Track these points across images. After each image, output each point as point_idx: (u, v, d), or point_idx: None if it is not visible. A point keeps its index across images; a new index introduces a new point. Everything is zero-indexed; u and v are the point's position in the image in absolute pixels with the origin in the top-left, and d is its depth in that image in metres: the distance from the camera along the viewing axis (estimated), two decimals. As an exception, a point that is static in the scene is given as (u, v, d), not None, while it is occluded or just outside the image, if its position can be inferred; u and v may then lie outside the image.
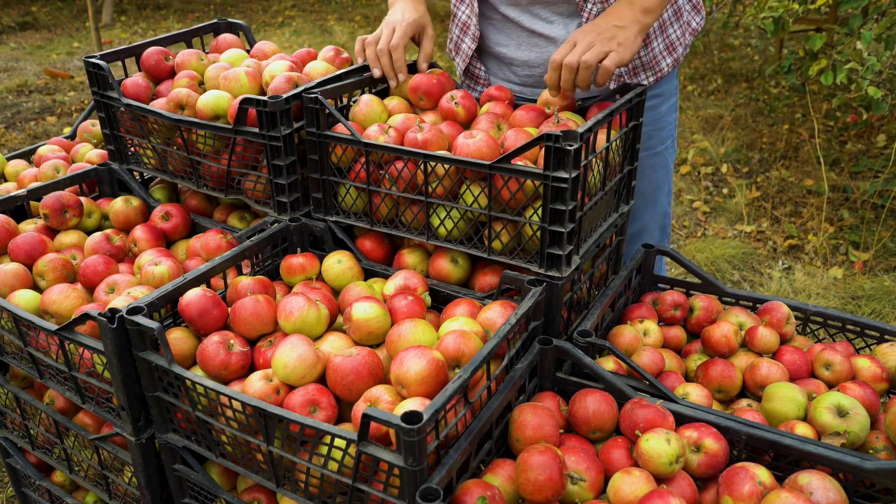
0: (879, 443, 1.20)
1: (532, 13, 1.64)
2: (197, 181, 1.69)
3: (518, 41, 1.70)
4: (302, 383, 1.16)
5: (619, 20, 1.45)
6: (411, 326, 1.22)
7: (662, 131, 1.78)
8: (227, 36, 1.95)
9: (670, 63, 1.69)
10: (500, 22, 1.71)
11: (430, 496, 0.93)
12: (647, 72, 1.67)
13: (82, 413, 1.51)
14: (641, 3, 1.46)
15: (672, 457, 1.07)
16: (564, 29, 1.63)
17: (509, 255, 1.37)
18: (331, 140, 1.46)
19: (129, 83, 1.74)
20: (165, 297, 1.26)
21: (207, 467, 1.34)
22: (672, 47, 1.67)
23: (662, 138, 1.79)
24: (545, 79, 1.49)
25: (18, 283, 1.49)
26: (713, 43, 6.88)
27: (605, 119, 1.34)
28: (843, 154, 4.38)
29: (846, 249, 3.50)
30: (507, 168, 1.27)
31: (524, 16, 1.65)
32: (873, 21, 3.51)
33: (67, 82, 6.53)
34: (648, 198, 1.82)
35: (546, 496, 1.03)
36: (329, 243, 1.54)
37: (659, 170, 1.81)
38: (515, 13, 1.66)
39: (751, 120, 5.02)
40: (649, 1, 1.47)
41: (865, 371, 1.37)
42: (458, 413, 1.06)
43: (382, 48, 1.62)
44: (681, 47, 1.70)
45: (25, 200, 1.71)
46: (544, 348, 1.26)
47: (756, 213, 3.91)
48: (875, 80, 3.29)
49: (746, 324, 1.51)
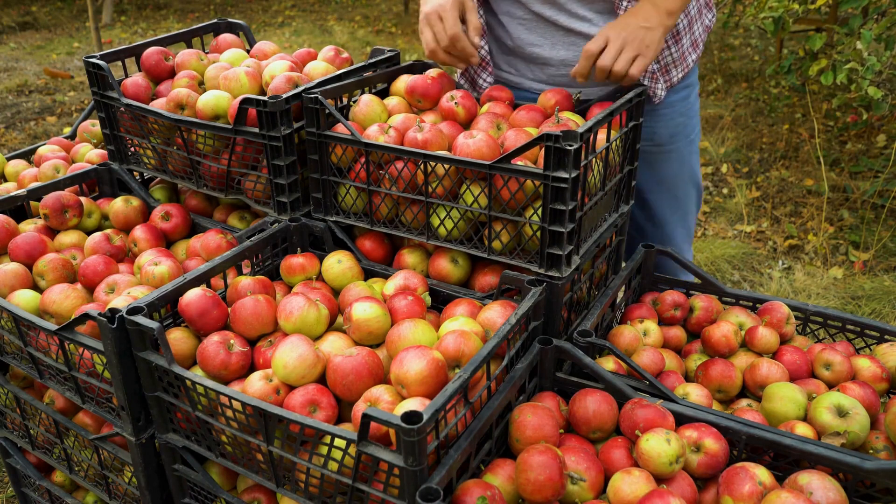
0: (879, 443, 1.20)
1: (569, 12, 1.63)
2: (197, 181, 1.69)
3: (553, 40, 1.68)
4: (302, 383, 1.16)
5: (646, 21, 1.49)
6: (411, 326, 1.22)
7: (693, 119, 1.84)
8: (227, 36, 1.95)
9: (695, 58, 1.75)
10: (533, 21, 1.68)
11: (430, 496, 0.93)
12: (677, 68, 1.71)
13: (82, 413, 1.51)
14: (665, 6, 1.51)
15: (672, 457, 1.07)
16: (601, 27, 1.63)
17: (509, 255, 1.37)
18: (331, 140, 1.46)
19: (129, 83, 1.74)
20: (165, 298, 1.26)
21: (207, 467, 1.34)
22: (696, 43, 1.73)
23: (693, 125, 1.85)
24: (573, 71, 1.52)
25: (18, 283, 1.49)
26: (713, 43, 6.88)
27: (605, 119, 1.34)
28: (843, 154, 4.38)
29: (846, 249, 3.50)
30: (507, 168, 1.27)
31: (561, 15, 1.63)
32: (873, 21, 3.51)
33: (67, 82, 6.53)
34: (689, 182, 1.89)
35: (546, 496, 1.03)
36: (329, 243, 1.54)
37: (693, 155, 1.89)
38: (551, 12, 1.64)
39: (751, 120, 5.02)
40: (673, 4, 1.51)
41: (865, 371, 1.37)
42: (458, 413, 1.06)
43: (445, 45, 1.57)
44: (702, 42, 1.77)
45: (25, 200, 1.71)
46: (544, 348, 1.26)
47: (756, 213, 3.91)
48: (875, 81, 3.29)
49: (746, 324, 1.51)
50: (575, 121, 1.46)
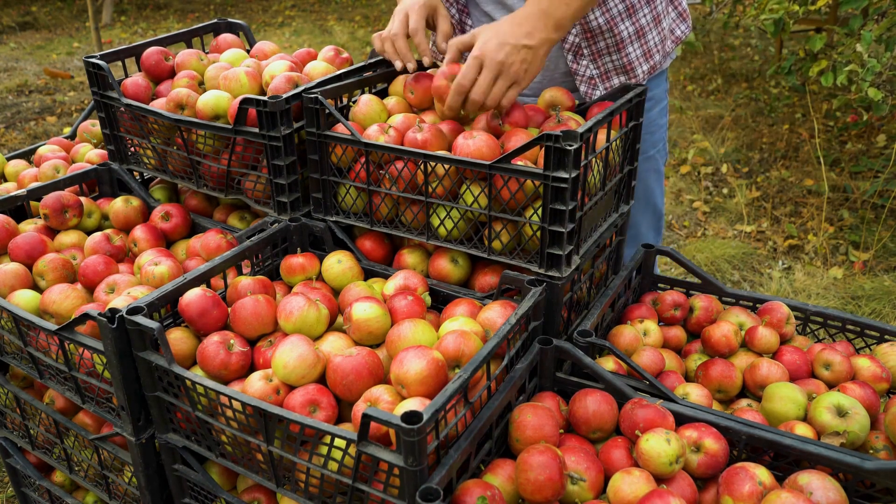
0: (879, 443, 1.20)
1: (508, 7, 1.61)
2: (197, 181, 1.69)
3: None
4: (302, 383, 1.16)
5: (528, 37, 1.35)
6: (411, 326, 1.22)
7: (654, 135, 1.78)
8: (227, 36, 1.95)
9: (646, 70, 1.68)
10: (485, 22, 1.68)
11: (430, 496, 0.93)
12: (621, 76, 1.66)
13: (82, 413, 1.50)
14: (555, 17, 1.37)
15: (672, 457, 1.07)
16: None
17: (509, 255, 1.37)
18: (331, 140, 1.46)
19: (129, 83, 1.74)
20: (165, 297, 1.26)
21: (207, 467, 1.34)
22: (649, 54, 1.66)
23: (654, 142, 1.79)
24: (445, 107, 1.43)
25: (18, 283, 1.49)
26: (713, 43, 6.89)
27: (605, 119, 1.34)
28: (843, 154, 4.38)
29: (846, 249, 3.50)
30: (507, 168, 1.27)
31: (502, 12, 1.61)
32: (873, 22, 3.51)
33: (67, 82, 6.53)
34: (642, 201, 1.83)
35: (546, 496, 1.03)
36: (329, 243, 1.54)
37: (651, 173, 1.82)
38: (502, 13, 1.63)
39: (751, 120, 5.03)
40: (563, 14, 1.38)
41: (865, 371, 1.37)
42: (458, 413, 1.06)
43: (397, 33, 1.56)
44: (658, 54, 1.68)
45: (25, 200, 1.71)
46: (544, 348, 1.26)
47: (756, 213, 3.91)
48: (875, 82, 3.29)
49: (746, 324, 1.51)
50: (576, 120, 1.46)
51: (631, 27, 1.61)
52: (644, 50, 1.64)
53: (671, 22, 1.71)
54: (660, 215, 1.89)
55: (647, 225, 1.87)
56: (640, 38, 1.63)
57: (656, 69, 1.71)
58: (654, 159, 1.81)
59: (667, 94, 1.81)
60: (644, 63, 1.66)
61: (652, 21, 1.64)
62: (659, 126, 1.79)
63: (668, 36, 1.70)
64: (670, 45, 1.72)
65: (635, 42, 1.63)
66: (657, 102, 1.76)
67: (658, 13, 1.65)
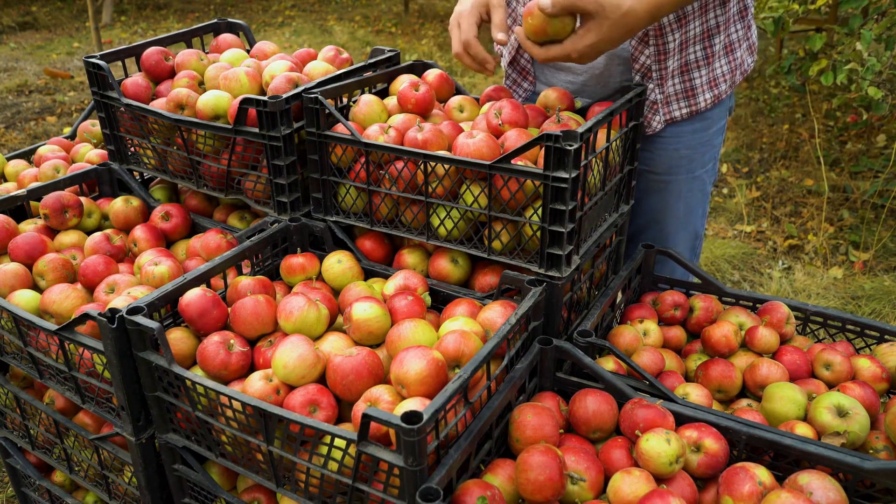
0: (879, 443, 1.20)
1: None
2: (197, 181, 1.69)
3: None
4: (302, 383, 1.16)
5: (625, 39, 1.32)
6: (411, 326, 1.22)
7: (704, 155, 1.71)
8: (227, 36, 1.95)
9: (709, 98, 1.62)
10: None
11: (430, 496, 0.93)
12: (680, 103, 1.61)
13: (82, 413, 1.51)
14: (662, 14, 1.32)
15: (672, 457, 1.07)
16: None
17: (509, 255, 1.37)
18: (331, 140, 1.46)
19: (129, 83, 1.74)
20: (165, 297, 1.26)
21: (207, 467, 1.34)
22: (715, 82, 1.61)
23: (703, 162, 1.72)
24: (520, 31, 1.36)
25: (18, 283, 1.49)
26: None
27: (605, 119, 1.34)
28: (843, 154, 4.38)
29: (846, 249, 3.50)
30: (507, 168, 1.27)
31: None
32: (873, 21, 3.51)
33: (67, 82, 6.53)
34: (682, 219, 1.76)
35: (546, 496, 1.03)
36: (329, 243, 1.54)
37: (696, 193, 1.75)
38: None
39: (751, 120, 5.02)
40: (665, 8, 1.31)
41: (865, 371, 1.37)
42: (458, 413, 1.06)
43: (457, 52, 1.55)
44: (725, 84, 1.63)
45: (25, 200, 1.71)
46: (544, 348, 1.26)
47: (756, 213, 3.91)
48: (875, 81, 3.29)
49: (746, 324, 1.51)
50: (576, 120, 1.46)
51: (701, 51, 1.56)
52: (710, 77, 1.59)
53: (742, 53, 1.64)
54: (698, 235, 1.82)
55: (683, 245, 1.81)
56: (708, 65, 1.58)
57: (720, 100, 1.65)
58: (702, 179, 1.73)
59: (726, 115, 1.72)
60: (707, 91, 1.61)
61: (723, 49, 1.59)
62: (713, 146, 1.72)
63: (737, 67, 1.64)
64: (738, 76, 1.66)
65: (703, 68, 1.58)
66: (714, 122, 1.68)
67: (731, 42, 1.60)
